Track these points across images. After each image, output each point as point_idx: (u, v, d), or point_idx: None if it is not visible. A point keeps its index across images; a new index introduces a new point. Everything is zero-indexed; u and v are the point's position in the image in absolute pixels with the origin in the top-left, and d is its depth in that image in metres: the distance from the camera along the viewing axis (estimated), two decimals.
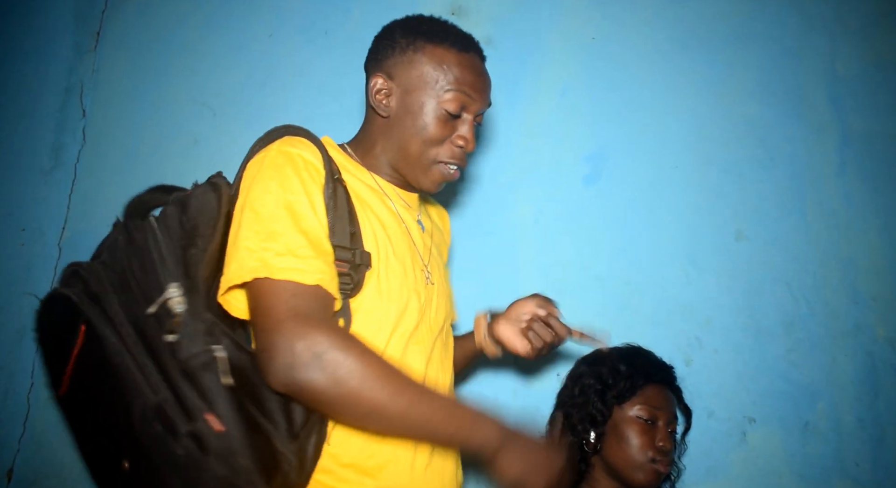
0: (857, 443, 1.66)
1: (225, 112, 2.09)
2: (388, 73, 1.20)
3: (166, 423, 0.91)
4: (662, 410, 1.44)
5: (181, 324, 0.95)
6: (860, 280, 1.75)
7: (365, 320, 1.07)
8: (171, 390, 0.93)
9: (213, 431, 0.90)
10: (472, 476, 1.78)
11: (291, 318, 0.94)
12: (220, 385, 0.93)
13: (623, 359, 1.50)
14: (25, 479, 1.94)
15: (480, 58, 1.24)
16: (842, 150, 1.82)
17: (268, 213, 1.00)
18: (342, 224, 1.06)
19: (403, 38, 1.19)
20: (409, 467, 1.07)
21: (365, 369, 0.93)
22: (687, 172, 1.85)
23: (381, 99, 1.19)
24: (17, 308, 2.03)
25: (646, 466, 1.39)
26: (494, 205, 1.90)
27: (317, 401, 0.94)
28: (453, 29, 1.23)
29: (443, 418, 0.98)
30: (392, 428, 0.98)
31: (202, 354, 0.94)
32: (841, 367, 1.70)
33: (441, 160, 1.20)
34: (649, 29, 1.95)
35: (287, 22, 2.11)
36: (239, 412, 0.93)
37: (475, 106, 1.20)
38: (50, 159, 2.13)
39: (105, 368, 0.97)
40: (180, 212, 1.06)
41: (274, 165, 1.05)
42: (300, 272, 0.97)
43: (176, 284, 0.98)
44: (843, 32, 1.89)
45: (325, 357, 0.92)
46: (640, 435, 1.41)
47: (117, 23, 2.22)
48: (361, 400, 0.93)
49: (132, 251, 1.04)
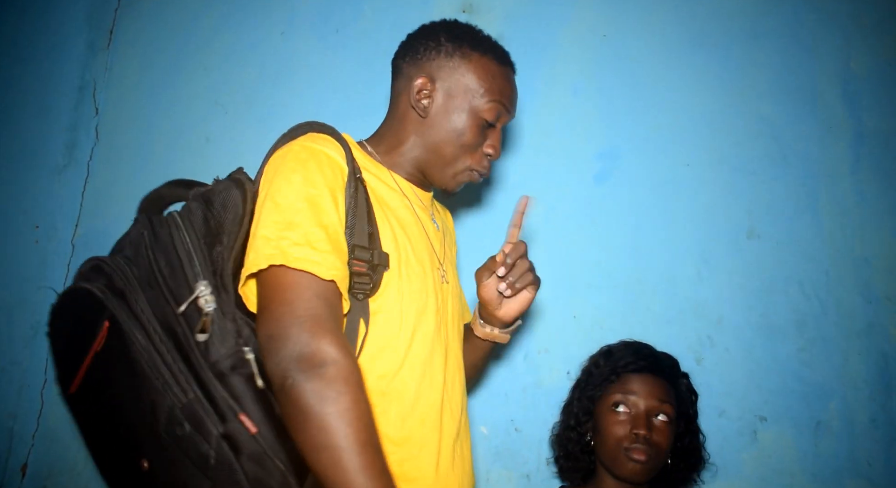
0: (870, 443, 1.65)
1: (237, 110, 2.10)
2: (431, 74, 1.21)
3: (197, 424, 0.91)
4: (638, 397, 1.40)
5: (211, 323, 0.95)
6: (873, 279, 1.74)
7: (385, 321, 1.07)
8: (203, 390, 0.92)
9: (247, 433, 0.90)
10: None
11: (312, 318, 0.93)
12: (251, 386, 0.93)
13: (604, 354, 1.52)
14: (39, 474, 1.96)
15: (514, 71, 1.29)
16: (856, 149, 1.81)
17: (288, 205, 1.00)
18: (361, 224, 1.06)
19: (449, 43, 1.21)
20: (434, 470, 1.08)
21: (352, 405, 0.89)
22: (699, 170, 1.85)
23: (420, 99, 1.20)
24: (31, 304, 2.05)
25: (621, 456, 1.37)
26: (506, 204, 1.90)
27: (293, 404, 0.89)
28: (494, 41, 1.27)
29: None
30: (329, 475, 0.87)
31: (234, 355, 0.94)
32: (853, 366, 1.70)
33: (470, 166, 1.22)
34: (661, 27, 1.94)
35: (299, 20, 2.12)
36: (270, 413, 0.93)
37: (506, 117, 1.24)
38: (63, 157, 2.14)
39: (130, 366, 0.96)
40: (205, 208, 1.06)
41: (298, 159, 1.04)
42: (317, 265, 0.96)
43: (204, 282, 0.97)
44: (857, 30, 1.87)
45: (329, 369, 0.90)
46: (615, 425, 1.40)
47: (130, 21, 2.23)
48: (325, 431, 0.87)
49: (158, 247, 1.03)
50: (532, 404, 1.77)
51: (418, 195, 1.26)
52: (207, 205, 1.06)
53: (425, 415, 1.09)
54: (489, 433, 1.78)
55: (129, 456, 0.97)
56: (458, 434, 1.15)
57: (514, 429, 1.77)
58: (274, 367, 0.91)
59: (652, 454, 1.37)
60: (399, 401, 1.06)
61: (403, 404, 1.06)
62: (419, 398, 1.08)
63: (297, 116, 2.02)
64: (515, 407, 1.78)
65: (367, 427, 0.89)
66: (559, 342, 1.79)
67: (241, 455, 0.89)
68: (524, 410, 1.78)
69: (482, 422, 1.78)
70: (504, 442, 1.77)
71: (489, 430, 1.78)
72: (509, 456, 1.76)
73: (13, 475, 1.95)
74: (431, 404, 1.10)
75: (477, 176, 1.24)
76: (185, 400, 0.92)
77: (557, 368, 1.78)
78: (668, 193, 1.84)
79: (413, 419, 1.07)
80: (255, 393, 0.93)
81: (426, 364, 1.10)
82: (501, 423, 1.77)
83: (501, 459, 1.76)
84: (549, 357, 1.80)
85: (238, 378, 0.93)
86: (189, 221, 1.04)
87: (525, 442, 1.76)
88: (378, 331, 1.06)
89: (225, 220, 1.04)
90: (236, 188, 1.07)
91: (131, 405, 0.96)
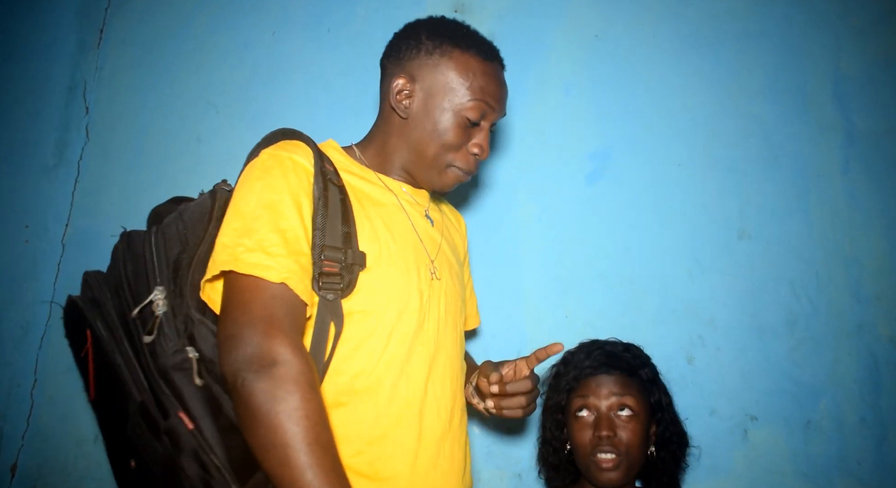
0: (860, 442, 1.66)
1: (229, 110, 2.09)
2: (411, 74, 1.20)
3: (149, 422, 0.95)
4: (596, 397, 1.38)
5: (160, 325, 0.99)
6: (864, 279, 1.74)
7: (361, 320, 1.08)
8: (151, 390, 0.97)
9: (186, 429, 0.93)
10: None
11: (265, 319, 0.95)
12: (191, 384, 0.96)
13: (562, 363, 1.50)
14: (29, 475, 1.95)
15: (502, 67, 1.25)
16: (846, 149, 1.82)
17: (248, 212, 1.02)
18: (333, 224, 1.07)
19: (430, 41, 1.20)
20: (409, 469, 1.08)
21: (301, 403, 0.90)
22: (691, 171, 1.85)
23: (401, 99, 1.20)
24: (21, 304, 2.04)
25: (589, 461, 1.35)
26: (498, 204, 1.90)
27: (243, 404, 0.91)
28: (479, 36, 1.23)
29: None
30: (278, 474, 0.89)
31: (175, 354, 0.97)
32: (844, 366, 1.70)
33: (454, 165, 1.21)
34: (653, 27, 1.94)
35: (290, 20, 2.11)
36: (213, 412, 0.95)
37: (493, 115, 1.21)
38: (54, 156, 2.13)
39: (109, 371, 1.01)
40: (177, 218, 1.10)
41: (263, 167, 1.07)
42: (267, 269, 0.98)
43: (161, 288, 1.01)
44: (848, 31, 1.88)
45: (279, 369, 0.91)
46: (579, 432, 1.38)
47: (121, 20, 2.22)
48: (273, 429, 0.89)
49: (129, 257, 1.09)
50: None
51: (409, 193, 1.26)
52: (180, 215, 1.10)
53: (401, 415, 1.08)
54: (481, 433, 1.78)
55: (122, 456, 1.02)
56: (446, 434, 1.14)
57: (505, 430, 1.77)
58: (227, 367, 0.94)
59: (622, 452, 1.34)
60: (373, 400, 1.06)
61: (378, 403, 1.07)
62: (394, 397, 1.08)
63: (289, 116, 2.03)
64: None
65: (315, 425, 0.91)
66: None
67: (181, 451, 0.92)
68: None
69: (474, 423, 1.78)
70: (496, 443, 1.77)
71: (481, 431, 1.78)
72: (501, 456, 1.76)
73: (3, 475, 1.94)
74: (409, 403, 1.10)
75: (464, 175, 1.23)
76: (139, 400, 0.97)
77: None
78: (660, 193, 1.85)
79: (387, 418, 1.07)
80: (199, 391, 0.96)
81: (404, 363, 1.10)
82: (493, 424, 1.78)
83: (493, 459, 1.76)
84: None
85: (180, 375, 0.96)
86: (161, 232, 1.09)
87: (516, 442, 1.76)
88: (353, 331, 1.07)
89: (190, 226, 1.08)
90: (209, 197, 1.12)
91: (115, 407, 1.01)
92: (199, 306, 1.02)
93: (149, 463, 0.97)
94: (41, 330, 2.03)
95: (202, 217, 1.09)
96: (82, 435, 1.93)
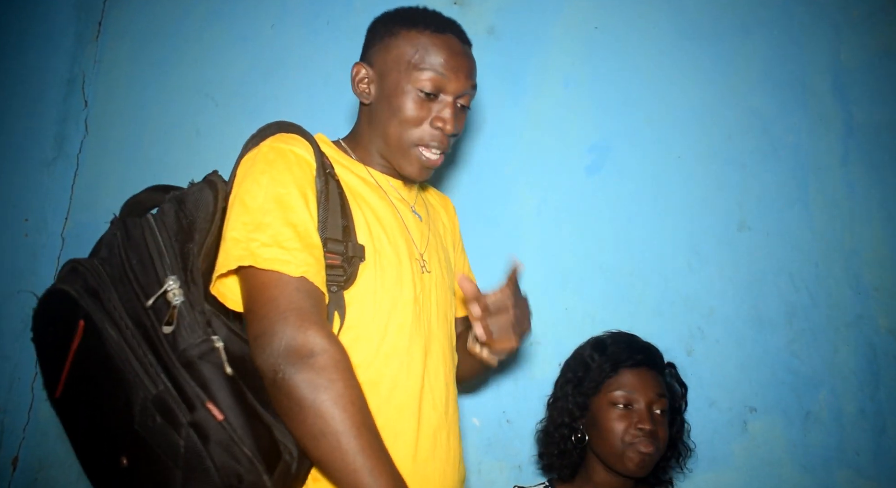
0: (859, 433, 1.66)
1: (227, 103, 2.09)
2: (368, 61, 1.23)
3: (167, 414, 0.92)
4: (639, 392, 1.41)
5: (179, 315, 0.97)
6: (863, 270, 1.75)
7: (360, 312, 1.09)
8: (172, 381, 0.94)
9: (214, 420, 0.91)
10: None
11: (296, 311, 0.96)
12: (219, 374, 0.94)
13: (596, 349, 1.50)
14: (30, 467, 1.95)
15: (460, 40, 1.23)
16: (845, 141, 1.82)
17: (257, 206, 1.02)
18: (334, 217, 1.08)
19: (383, 27, 1.23)
20: (411, 459, 1.08)
21: (345, 390, 0.93)
22: (690, 163, 1.85)
23: (363, 88, 1.22)
24: (21, 298, 2.04)
25: (627, 451, 1.38)
26: (497, 196, 1.90)
27: (287, 396, 0.93)
28: (433, 14, 1.24)
29: (381, 484, 0.92)
30: (329, 460, 0.92)
31: (202, 344, 0.95)
32: (843, 357, 1.71)
33: (421, 141, 1.19)
34: (652, 19, 1.94)
35: (289, 13, 2.11)
36: (239, 401, 0.94)
37: (452, 86, 1.18)
38: (53, 150, 2.13)
39: (105, 363, 0.97)
40: (178, 208, 1.08)
41: (265, 160, 1.07)
42: (285, 263, 0.98)
43: (174, 277, 0.99)
44: (847, 22, 1.88)
45: (318, 359, 0.93)
46: (617, 421, 1.40)
47: (119, 13, 2.21)
48: (322, 418, 0.91)
49: (130, 246, 1.05)
50: (523, 396, 1.78)
51: (395, 186, 1.27)
52: (180, 205, 1.08)
53: (403, 405, 1.09)
54: (481, 425, 1.78)
55: (110, 454, 0.98)
56: (442, 424, 1.15)
57: (505, 421, 1.78)
58: (263, 363, 0.94)
59: (658, 448, 1.38)
60: (375, 391, 1.06)
61: (379, 394, 1.07)
62: (396, 387, 1.09)
63: (287, 109, 2.02)
64: (507, 400, 1.79)
65: (361, 410, 0.93)
66: (550, 334, 1.79)
67: (209, 442, 0.90)
68: (515, 402, 1.78)
69: (474, 414, 1.78)
70: (496, 434, 1.77)
71: (481, 422, 1.79)
72: (501, 448, 1.76)
73: (4, 468, 1.95)
74: (410, 394, 1.10)
75: (436, 157, 1.20)
76: (155, 392, 0.93)
77: (549, 361, 1.78)
78: (660, 186, 1.85)
79: (389, 408, 1.08)
80: (225, 380, 0.94)
81: (404, 354, 1.11)
82: (493, 415, 1.78)
83: (493, 451, 1.76)
84: (540, 349, 1.80)
85: (207, 366, 0.94)
86: (162, 221, 1.06)
87: (516, 434, 1.76)
88: (353, 322, 1.08)
89: (196, 219, 1.07)
90: (209, 188, 1.10)
91: (109, 402, 0.98)
92: (208, 297, 1.03)
93: (156, 458, 0.93)
94: None
95: (207, 208, 1.08)
96: None
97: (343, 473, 0.91)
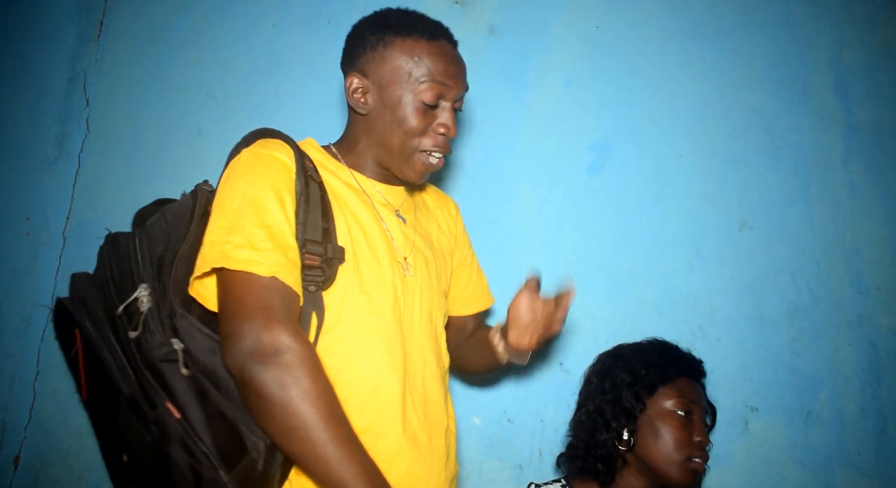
0: (860, 433, 1.66)
1: (229, 101, 2.09)
2: (362, 71, 1.22)
3: (139, 414, 0.98)
4: (697, 403, 1.39)
5: (145, 320, 1.02)
6: (864, 270, 1.74)
7: (339, 313, 1.10)
8: (139, 382, 1.00)
9: (173, 418, 0.96)
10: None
11: (262, 311, 0.98)
12: (178, 375, 0.99)
13: (654, 350, 1.47)
14: (32, 466, 1.96)
15: (451, 43, 1.25)
16: (847, 140, 1.82)
17: (233, 209, 1.05)
18: (314, 219, 1.10)
19: (372, 35, 1.21)
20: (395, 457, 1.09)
21: (312, 385, 0.95)
22: (691, 162, 1.85)
23: (358, 98, 1.22)
24: (22, 296, 2.04)
25: (683, 464, 1.34)
26: (499, 195, 1.90)
27: (256, 395, 0.95)
28: (420, 18, 1.24)
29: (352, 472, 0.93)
30: (301, 453, 0.94)
31: (161, 347, 1.00)
32: (844, 357, 1.71)
33: (425, 149, 1.21)
34: (654, 18, 1.94)
35: (290, 11, 2.11)
36: (201, 400, 0.98)
37: (452, 92, 1.21)
38: (54, 149, 2.13)
39: (99, 367, 1.05)
40: (160, 217, 1.13)
41: (245, 165, 1.09)
42: (256, 264, 1.00)
43: (145, 285, 1.05)
44: (849, 21, 1.87)
45: (284, 357, 0.95)
46: (677, 430, 1.36)
47: (120, 12, 2.22)
48: (291, 413, 0.93)
49: (114, 256, 1.12)
50: (524, 395, 1.78)
51: (381, 191, 1.27)
52: (164, 215, 1.13)
53: (385, 406, 1.10)
54: (482, 424, 1.78)
55: (115, 452, 1.05)
56: (423, 424, 1.15)
57: (506, 420, 1.78)
58: (231, 362, 0.97)
59: (705, 464, 1.37)
60: (356, 392, 1.08)
61: (361, 395, 1.08)
62: (378, 388, 1.10)
63: (289, 107, 2.03)
64: (508, 399, 1.79)
65: (329, 404, 0.95)
66: None
67: (169, 440, 0.95)
68: (516, 401, 1.78)
69: (475, 414, 1.78)
70: (497, 433, 1.77)
71: (482, 421, 1.79)
72: (502, 447, 1.76)
73: (6, 466, 1.95)
74: (392, 395, 1.11)
75: (437, 160, 1.23)
76: (128, 393, 1.00)
77: (550, 360, 1.79)
78: (661, 184, 1.85)
79: (371, 409, 1.09)
80: (185, 381, 0.99)
81: (386, 355, 1.12)
82: (494, 414, 1.78)
83: (494, 450, 1.76)
84: (541, 348, 1.80)
85: (167, 367, 0.99)
86: (145, 231, 1.11)
87: (517, 433, 1.76)
88: (332, 323, 1.09)
89: (172, 225, 1.11)
90: (191, 197, 1.15)
91: (105, 403, 1.05)
92: (183, 301, 1.05)
93: (140, 455, 1.00)
94: (43, 322, 2.04)
95: (184, 215, 1.12)
96: (84, 427, 1.94)
97: (315, 465, 0.93)
